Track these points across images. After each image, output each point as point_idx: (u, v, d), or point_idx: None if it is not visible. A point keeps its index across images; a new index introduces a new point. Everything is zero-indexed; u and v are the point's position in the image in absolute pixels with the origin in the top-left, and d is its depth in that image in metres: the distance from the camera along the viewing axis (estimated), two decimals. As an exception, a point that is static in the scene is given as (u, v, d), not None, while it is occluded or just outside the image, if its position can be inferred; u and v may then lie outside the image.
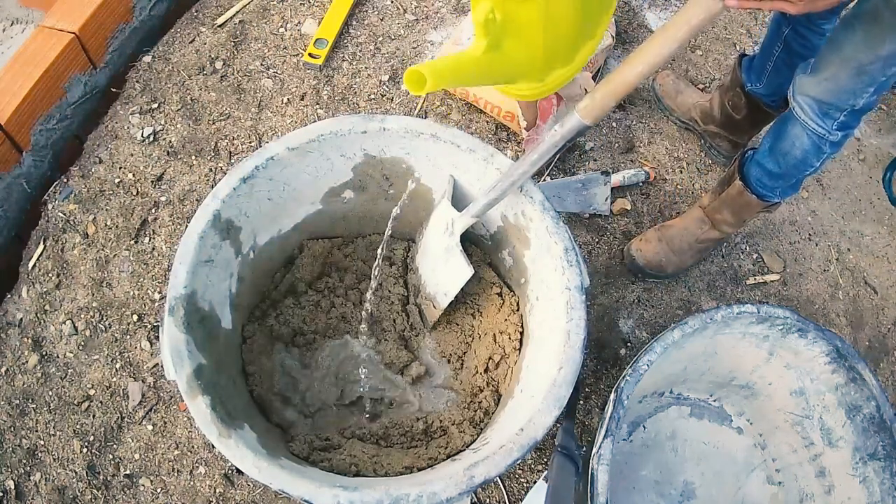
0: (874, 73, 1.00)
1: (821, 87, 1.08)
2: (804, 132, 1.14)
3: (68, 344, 1.30)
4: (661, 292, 1.46)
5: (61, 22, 1.47)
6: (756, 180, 1.29)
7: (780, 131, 1.21)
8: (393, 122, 1.03)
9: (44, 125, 1.45)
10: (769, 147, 1.24)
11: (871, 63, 0.98)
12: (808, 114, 1.11)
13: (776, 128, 1.23)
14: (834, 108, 1.08)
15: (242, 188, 0.99)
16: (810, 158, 1.18)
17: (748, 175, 1.31)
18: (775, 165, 1.24)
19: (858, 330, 1.47)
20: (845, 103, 1.07)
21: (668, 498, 1.21)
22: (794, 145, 1.17)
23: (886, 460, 1.04)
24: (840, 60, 1.02)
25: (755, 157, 1.29)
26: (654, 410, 1.27)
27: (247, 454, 0.79)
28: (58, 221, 1.42)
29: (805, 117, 1.12)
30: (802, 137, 1.15)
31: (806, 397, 1.15)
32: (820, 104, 1.10)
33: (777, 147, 1.22)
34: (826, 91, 1.07)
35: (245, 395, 1.04)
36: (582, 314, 0.91)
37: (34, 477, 1.19)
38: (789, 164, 1.21)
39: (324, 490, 0.78)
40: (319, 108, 1.61)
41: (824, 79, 1.06)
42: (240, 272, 1.06)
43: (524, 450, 0.82)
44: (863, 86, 1.03)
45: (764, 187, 1.29)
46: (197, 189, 1.47)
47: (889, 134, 1.77)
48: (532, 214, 1.00)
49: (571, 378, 0.87)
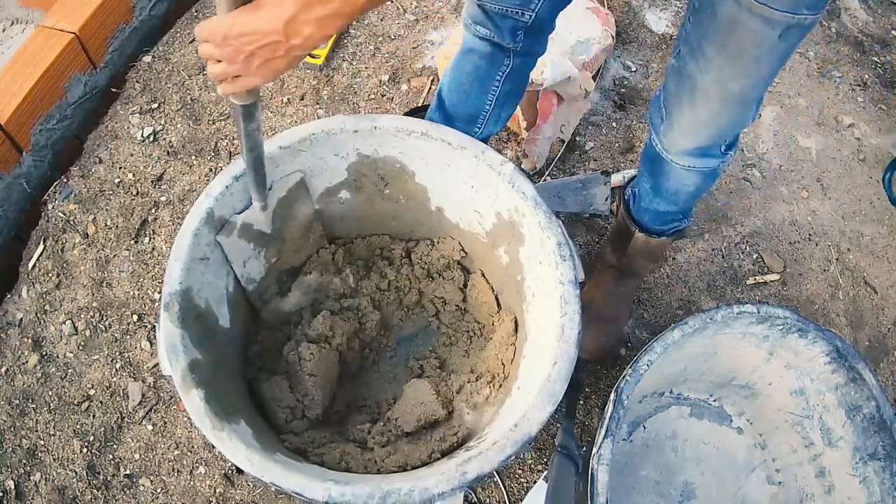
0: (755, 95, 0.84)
1: (697, 136, 0.92)
2: (689, 172, 1.01)
3: (68, 344, 1.30)
4: (660, 292, 1.46)
5: (61, 22, 1.47)
6: (652, 222, 1.18)
7: (658, 173, 1.06)
8: (384, 121, 1.03)
9: (44, 125, 1.45)
10: (652, 190, 1.11)
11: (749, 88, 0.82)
12: (689, 162, 0.98)
13: (652, 168, 1.08)
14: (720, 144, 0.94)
15: (235, 186, 0.99)
16: (705, 185, 1.06)
17: (642, 222, 1.20)
18: (668, 205, 1.12)
19: (858, 330, 1.47)
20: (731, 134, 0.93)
21: (668, 498, 1.20)
22: (683, 184, 1.05)
23: (886, 460, 1.04)
24: (705, 100, 0.85)
25: (641, 203, 1.17)
26: (654, 410, 1.27)
27: (239, 447, 0.79)
28: (58, 221, 1.42)
29: (687, 165, 0.99)
30: (689, 176, 1.02)
31: (806, 397, 1.15)
32: (701, 150, 0.95)
33: (662, 188, 1.09)
34: (705, 137, 0.92)
35: (243, 391, 1.04)
36: (576, 308, 0.90)
37: (34, 477, 1.19)
38: (682, 200, 1.10)
39: (315, 484, 0.78)
40: (319, 109, 1.61)
41: (697, 127, 0.90)
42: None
43: (518, 445, 0.81)
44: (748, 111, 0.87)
45: (665, 223, 1.18)
46: (197, 189, 1.47)
47: (889, 134, 1.77)
48: (525, 210, 1.00)
49: (566, 373, 0.86)
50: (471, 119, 1.16)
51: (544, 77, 1.43)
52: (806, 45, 1.89)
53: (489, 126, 1.17)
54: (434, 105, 1.19)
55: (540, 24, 0.99)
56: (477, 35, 1.05)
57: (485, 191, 1.07)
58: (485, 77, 1.08)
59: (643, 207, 1.18)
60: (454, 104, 1.15)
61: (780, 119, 1.75)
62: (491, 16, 1.00)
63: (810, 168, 1.68)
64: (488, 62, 1.06)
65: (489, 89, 1.10)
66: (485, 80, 1.09)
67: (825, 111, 1.78)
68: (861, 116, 1.78)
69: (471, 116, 1.15)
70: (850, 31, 1.94)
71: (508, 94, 1.11)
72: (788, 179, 1.66)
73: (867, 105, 1.80)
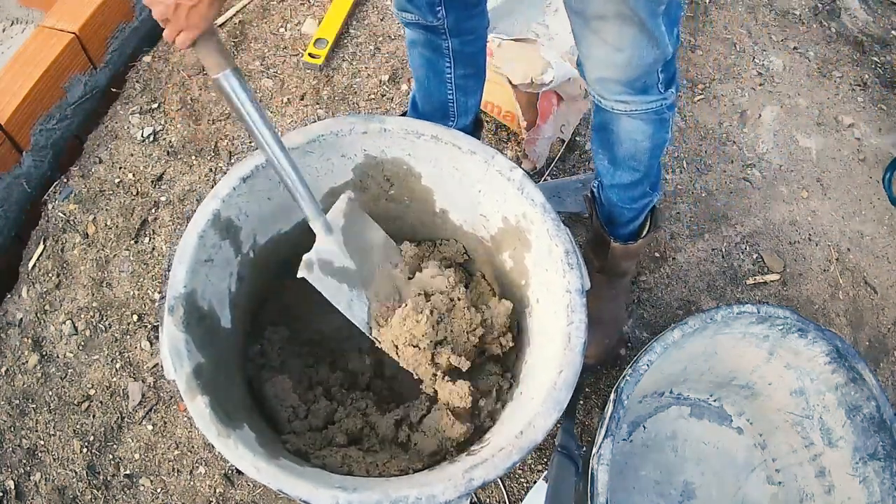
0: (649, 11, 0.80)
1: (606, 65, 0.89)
2: (637, 119, 0.98)
3: (68, 344, 1.30)
4: (660, 293, 1.46)
5: (61, 22, 1.47)
6: (621, 205, 1.15)
7: (610, 140, 1.04)
8: (393, 122, 1.03)
9: (44, 125, 1.45)
10: (610, 163, 1.08)
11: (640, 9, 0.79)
12: (627, 101, 0.94)
13: (602, 139, 1.06)
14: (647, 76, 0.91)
15: (242, 187, 0.99)
16: (660, 135, 1.02)
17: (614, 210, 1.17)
18: (631, 172, 1.08)
19: (858, 330, 1.47)
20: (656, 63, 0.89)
21: (668, 498, 1.21)
22: (635, 140, 1.01)
23: (886, 460, 1.04)
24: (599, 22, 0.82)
25: (604, 184, 1.13)
26: (654, 410, 1.27)
27: (246, 454, 0.79)
28: (58, 221, 1.42)
29: (626, 107, 0.95)
30: (638, 124, 0.99)
31: (806, 397, 1.15)
32: (630, 83, 0.91)
33: (619, 155, 1.06)
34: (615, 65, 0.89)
35: (243, 391, 1.04)
36: (583, 317, 0.91)
37: (34, 477, 1.19)
38: (644, 160, 1.05)
39: (322, 491, 0.78)
40: (319, 108, 1.61)
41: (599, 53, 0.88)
42: (239, 271, 1.06)
43: (523, 452, 0.82)
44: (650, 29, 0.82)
45: (635, 199, 1.14)
46: (197, 189, 1.47)
47: (889, 134, 1.77)
48: (533, 217, 1.00)
49: (572, 381, 0.87)
50: (441, 113, 1.17)
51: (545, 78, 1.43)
52: (806, 44, 1.89)
53: (461, 118, 1.19)
54: (409, 110, 1.21)
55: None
56: (406, 22, 1.07)
57: (492, 196, 1.07)
58: (435, 66, 1.11)
59: (607, 185, 1.14)
60: (423, 102, 1.18)
61: (780, 119, 1.75)
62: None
63: (810, 168, 1.68)
64: (431, 50, 1.09)
65: (444, 78, 1.12)
66: (436, 69, 1.11)
67: (825, 111, 1.78)
68: (861, 116, 1.78)
69: (438, 111, 1.17)
70: (850, 31, 1.94)
71: (464, 78, 1.13)
72: (788, 179, 1.66)
73: (867, 105, 1.80)
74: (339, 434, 1.04)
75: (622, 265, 1.29)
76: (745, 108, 1.75)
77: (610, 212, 1.21)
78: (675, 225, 1.55)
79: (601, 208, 1.23)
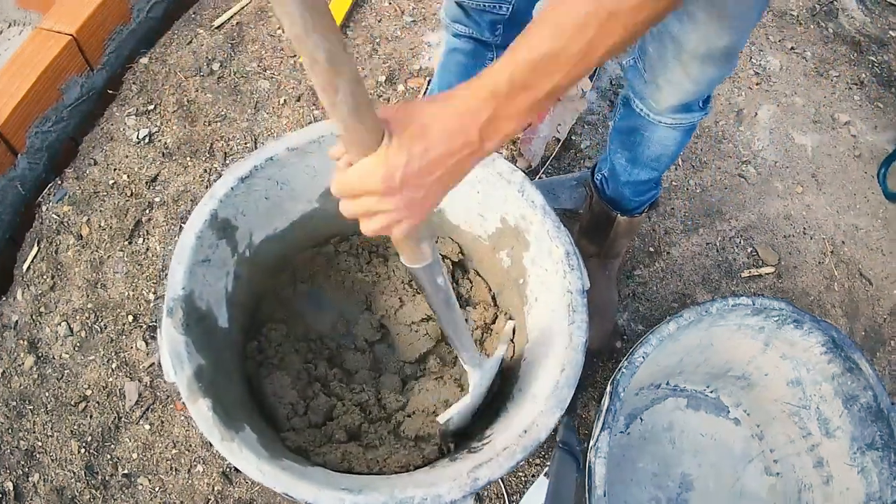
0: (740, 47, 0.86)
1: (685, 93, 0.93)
2: (673, 129, 1.01)
3: (64, 345, 1.30)
4: (655, 286, 1.46)
5: (59, 24, 1.48)
6: (634, 195, 1.17)
7: (638, 142, 1.06)
8: None
9: (39, 127, 1.45)
10: (630, 162, 1.10)
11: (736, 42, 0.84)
12: (674, 118, 0.98)
13: (626, 142, 1.08)
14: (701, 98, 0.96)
15: (240, 188, 0.99)
16: (684, 141, 1.06)
17: (622, 200, 1.19)
18: (650, 172, 1.11)
19: (854, 320, 1.48)
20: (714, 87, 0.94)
21: (666, 490, 1.21)
22: (665, 145, 1.05)
23: (884, 450, 1.04)
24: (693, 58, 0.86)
25: (619, 179, 1.15)
26: (650, 402, 1.27)
27: (250, 457, 0.79)
28: (52, 223, 1.42)
29: (673, 122, 0.99)
30: (673, 133, 1.02)
31: (802, 387, 1.15)
32: (686, 105, 0.96)
33: (642, 157, 1.08)
34: (692, 93, 0.93)
35: (242, 390, 1.04)
36: (584, 316, 0.92)
37: (32, 478, 1.18)
38: (666, 162, 1.09)
39: (327, 493, 0.78)
40: (316, 110, 1.61)
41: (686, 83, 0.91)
42: (236, 271, 1.06)
43: (527, 451, 0.82)
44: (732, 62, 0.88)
45: (644, 192, 1.17)
46: (191, 190, 1.48)
47: (884, 131, 1.78)
48: (532, 218, 1.01)
49: (574, 379, 0.88)
50: None
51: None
52: (803, 45, 1.90)
53: None
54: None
55: (519, 16, 0.98)
56: (457, 34, 1.04)
57: (492, 197, 1.07)
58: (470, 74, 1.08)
59: (622, 182, 1.16)
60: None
61: (776, 117, 1.76)
62: (469, 13, 1.00)
63: (805, 164, 1.69)
64: (472, 58, 1.06)
65: None
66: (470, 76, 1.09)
67: (821, 109, 1.79)
68: (857, 114, 1.79)
69: None
70: (848, 31, 1.95)
71: None
72: (783, 175, 1.66)
73: (863, 103, 1.81)
74: (339, 430, 1.04)
75: (620, 243, 1.30)
76: (742, 106, 1.76)
77: (615, 199, 1.23)
78: (670, 220, 1.55)
79: (604, 195, 1.24)
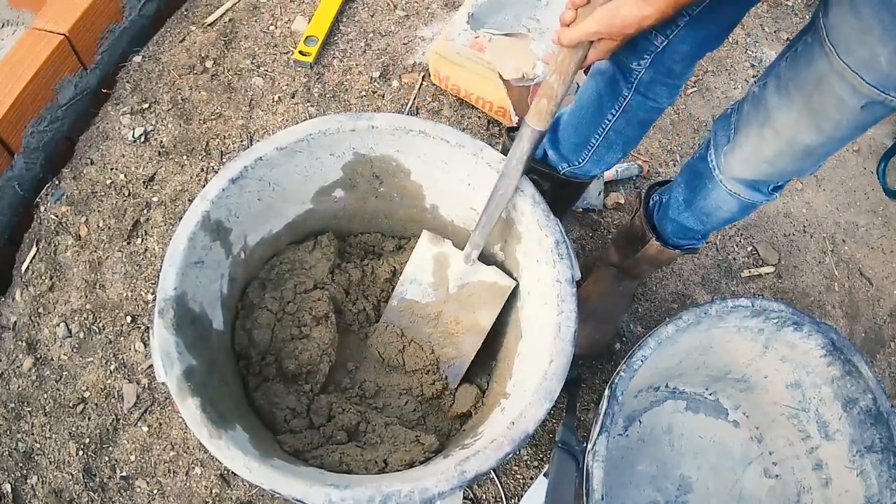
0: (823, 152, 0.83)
1: (755, 169, 0.92)
2: (732, 198, 1.00)
3: (62, 346, 1.30)
4: (655, 286, 1.45)
5: (51, 23, 1.46)
6: (673, 234, 1.16)
7: (699, 188, 1.04)
8: (382, 119, 1.03)
9: (35, 127, 1.44)
10: (685, 202, 1.09)
11: (818, 145, 0.82)
12: (737, 189, 0.97)
13: (691, 182, 1.06)
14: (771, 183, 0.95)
15: (231, 189, 0.98)
16: (739, 215, 1.05)
17: (663, 231, 1.17)
18: (696, 223, 1.10)
19: (854, 321, 1.47)
20: (786, 178, 0.93)
21: (665, 492, 1.20)
22: (721, 208, 1.03)
23: (884, 453, 1.03)
24: (775, 137, 0.85)
25: (668, 213, 1.13)
26: (649, 405, 1.26)
27: (237, 455, 0.79)
28: (50, 224, 1.41)
29: (734, 191, 0.98)
30: (730, 202, 1.01)
31: (802, 390, 1.15)
32: (753, 182, 0.95)
33: (696, 205, 1.07)
34: (761, 172, 0.92)
35: (238, 394, 1.03)
36: (572, 307, 0.90)
37: (31, 480, 1.18)
38: (713, 224, 1.08)
39: (315, 489, 0.78)
40: (311, 106, 1.60)
41: (757, 159, 0.89)
42: (231, 273, 1.06)
43: (515, 443, 0.81)
44: (811, 164, 0.87)
45: (684, 238, 1.16)
46: (189, 189, 1.47)
47: (883, 125, 1.76)
48: (523, 208, 1.00)
49: (563, 371, 0.86)
50: (576, 148, 1.13)
51: (536, 73, 1.42)
52: (800, 35, 1.88)
53: (590, 163, 1.14)
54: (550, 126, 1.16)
55: (670, 58, 0.92)
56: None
57: (482, 189, 1.06)
58: (601, 105, 1.05)
59: (669, 217, 1.14)
60: (566, 126, 1.13)
61: (774, 111, 1.74)
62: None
63: (805, 160, 1.68)
64: (608, 88, 1.01)
65: (601, 121, 1.06)
66: (600, 108, 1.05)
67: (820, 102, 1.77)
68: (856, 107, 1.77)
69: (577, 145, 1.13)
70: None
71: (619, 133, 1.06)
72: (783, 171, 1.65)
73: (862, 96, 1.79)
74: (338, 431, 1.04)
75: (643, 268, 1.27)
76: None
77: (656, 226, 1.19)
78: (670, 218, 1.54)
79: (648, 213, 1.20)
